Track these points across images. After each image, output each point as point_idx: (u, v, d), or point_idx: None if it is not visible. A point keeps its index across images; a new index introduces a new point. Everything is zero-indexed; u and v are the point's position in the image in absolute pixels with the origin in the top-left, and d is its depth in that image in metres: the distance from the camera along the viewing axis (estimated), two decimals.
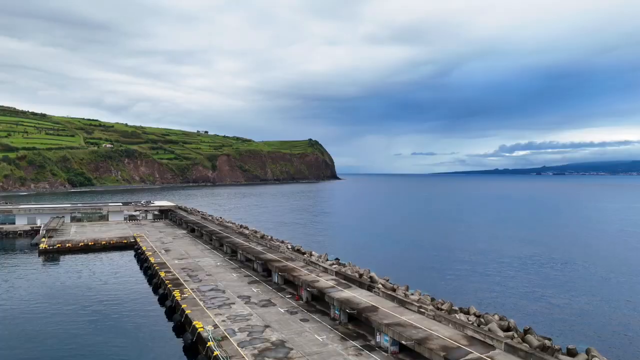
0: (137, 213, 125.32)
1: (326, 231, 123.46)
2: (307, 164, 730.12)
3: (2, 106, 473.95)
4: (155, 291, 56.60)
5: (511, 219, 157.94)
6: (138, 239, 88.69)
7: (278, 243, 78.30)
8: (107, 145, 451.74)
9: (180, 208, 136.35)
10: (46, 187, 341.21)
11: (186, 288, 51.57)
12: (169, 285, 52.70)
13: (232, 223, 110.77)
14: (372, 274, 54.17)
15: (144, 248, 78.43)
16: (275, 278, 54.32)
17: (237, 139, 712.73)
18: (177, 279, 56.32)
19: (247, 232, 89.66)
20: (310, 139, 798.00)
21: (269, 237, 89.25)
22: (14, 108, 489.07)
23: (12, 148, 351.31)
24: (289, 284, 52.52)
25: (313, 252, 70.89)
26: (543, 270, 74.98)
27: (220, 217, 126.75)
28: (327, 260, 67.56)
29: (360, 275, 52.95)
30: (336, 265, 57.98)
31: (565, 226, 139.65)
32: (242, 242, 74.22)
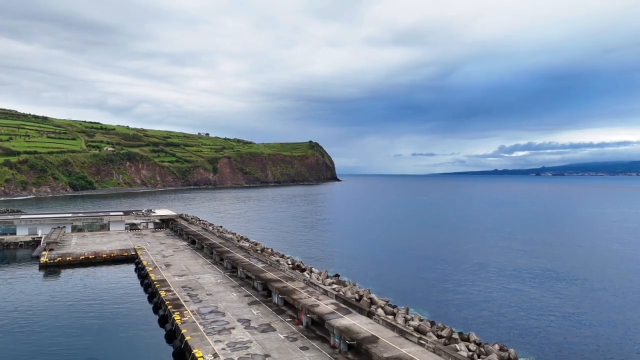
0: (138, 222, 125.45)
1: (325, 241, 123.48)
2: (308, 166, 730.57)
3: (4, 109, 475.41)
4: (155, 311, 56.71)
5: (512, 228, 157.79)
6: (139, 252, 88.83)
7: (278, 258, 78.42)
8: (109, 149, 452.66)
9: (181, 217, 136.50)
10: (47, 191, 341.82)
11: (186, 310, 51.65)
12: (169, 307, 52.78)
13: (233, 234, 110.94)
14: (372, 295, 54.25)
15: (144, 262, 78.57)
16: (275, 299, 54.39)
17: (238, 141, 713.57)
18: (178, 299, 56.41)
19: (247, 245, 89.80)
20: (311, 141, 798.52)
21: (269, 250, 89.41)
22: (16, 111, 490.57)
23: (14, 152, 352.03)
24: (289, 305, 52.57)
25: (313, 269, 70.99)
26: (545, 286, 74.95)
27: (221, 227, 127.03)
28: (328, 277, 67.71)
29: (360, 297, 53.03)
30: (336, 285, 58.05)
31: (568, 236, 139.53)
32: (242, 257, 74.30)
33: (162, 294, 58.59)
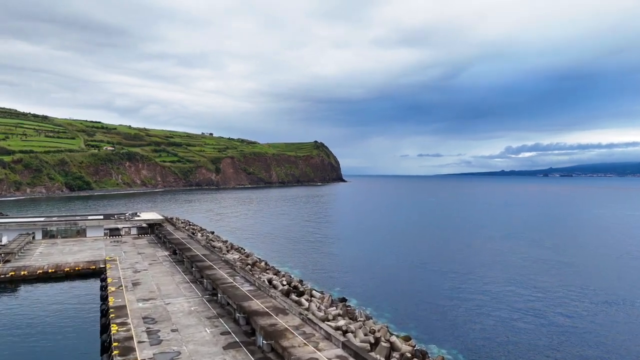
0: (120, 227, 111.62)
1: (330, 251, 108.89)
2: (313, 166, 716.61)
3: (3, 108, 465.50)
4: (102, 354, 42.65)
5: (546, 234, 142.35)
6: (108, 265, 74.85)
7: (271, 276, 64.13)
8: (108, 148, 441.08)
9: (168, 221, 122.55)
10: (42, 191, 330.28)
11: (137, 359, 37.39)
12: (115, 352, 38.59)
13: (223, 242, 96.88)
14: (392, 337, 39.73)
15: (109, 280, 64.55)
16: (260, 341, 39.99)
17: (242, 141, 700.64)
18: (131, 338, 42.17)
19: (236, 257, 75.60)
20: (316, 141, 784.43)
21: (262, 264, 75.21)
22: (15, 110, 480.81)
23: (9, 151, 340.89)
24: (279, 353, 38.18)
25: (314, 292, 56.61)
26: (618, 315, 59.99)
27: (212, 233, 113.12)
28: (332, 302, 53.34)
29: (377, 340, 38.56)
30: (343, 321, 43.51)
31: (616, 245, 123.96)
32: (225, 276, 59.96)
33: (114, 329, 44.38)
